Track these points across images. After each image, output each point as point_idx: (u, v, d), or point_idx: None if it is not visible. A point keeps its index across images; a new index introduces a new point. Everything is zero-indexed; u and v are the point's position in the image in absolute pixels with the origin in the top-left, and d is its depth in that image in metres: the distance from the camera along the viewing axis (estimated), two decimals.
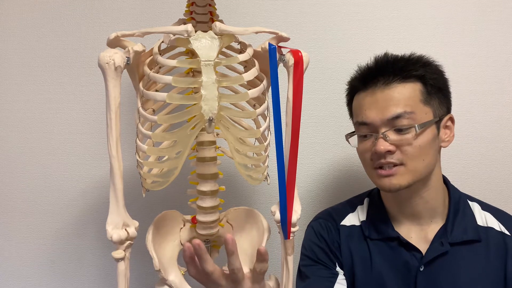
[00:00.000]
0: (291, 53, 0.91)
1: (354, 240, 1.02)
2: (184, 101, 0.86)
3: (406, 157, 0.91)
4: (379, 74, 0.94)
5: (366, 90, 0.95)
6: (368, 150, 0.95)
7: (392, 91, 0.91)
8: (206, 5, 0.91)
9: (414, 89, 0.92)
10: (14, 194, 1.32)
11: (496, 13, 1.25)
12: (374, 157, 0.93)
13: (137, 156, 0.93)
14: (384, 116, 0.91)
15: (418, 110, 0.91)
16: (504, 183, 1.29)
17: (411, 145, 0.90)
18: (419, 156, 0.91)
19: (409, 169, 0.91)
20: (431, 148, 0.92)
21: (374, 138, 0.93)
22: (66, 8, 1.26)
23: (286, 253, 0.96)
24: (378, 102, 0.92)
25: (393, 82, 0.92)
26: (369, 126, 0.93)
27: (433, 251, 0.94)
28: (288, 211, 0.93)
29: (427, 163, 0.93)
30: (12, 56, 1.28)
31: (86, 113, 1.29)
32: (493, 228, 0.96)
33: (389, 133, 0.91)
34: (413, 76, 0.92)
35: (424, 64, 0.95)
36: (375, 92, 0.93)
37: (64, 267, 1.33)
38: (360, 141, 0.97)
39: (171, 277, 0.95)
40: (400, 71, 0.92)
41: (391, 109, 0.90)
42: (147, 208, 1.24)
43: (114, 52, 0.84)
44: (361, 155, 0.98)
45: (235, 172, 1.21)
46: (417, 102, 0.91)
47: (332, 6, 1.26)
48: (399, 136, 0.90)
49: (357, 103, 0.97)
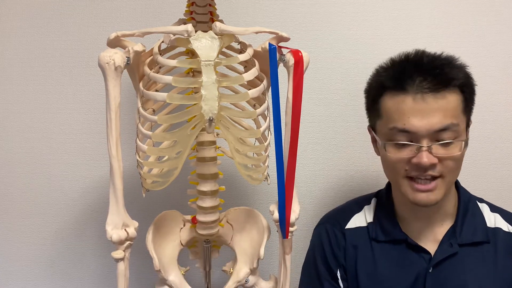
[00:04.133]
0: (291, 53, 0.91)
1: (359, 242, 1.00)
2: (184, 101, 0.86)
3: (447, 170, 0.86)
4: (421, 74, 0.86)
5: (409, 94, 0.85)
6: (403, 159, 0.87)
7: (441, 100, 0.84)
8: (206, 5, 0.91)
9: (458, 99, 0.86)
10: (14, 194, 1.31)
11: (496, 13, 1.25)
12: (412, 168, 0.86)
13: (137, 156, 0.93)
14: (431, 127, 0.83)
15: (460, 121, 0.87)
16: (504, 183, 1.29)
17: (456, 160, 0.86)
18: (457, 168, 0.88)
19: (446, 181, 0.87)
20: (463, 158, 0.89)
21: (415, 148, 0.85)
22: (66, 8, 1.26)
23: (284, 252, 0.97)
24: (426, 111, 0.84)
25: (442, 91, 0.84)
26: (410, 135, 0.85)
27: (442, 252, 0.92)
28: (286, 210, 0.93)
29: (459, 173, 0.90)
30: (12, 56, 1.28)
31: (86, 113, 1.29)
32: (501, 228, 0.94)
33: (434, 146, 0.84)
34: (458, 84, 0.87)
35: (465, 74, 0.90)
36: (424, 99, 0.84)
37: (64, 267, 1.33)
38: (394, 149, 0.88)
39: (171, 277, 0.95)
40: (448, 79, 0.85)
41: (439, 119, 0.83)
42: (147, 208, 1.24)
43: (114, 52, 0.84)
44: (393, 164, 0.89)
45: (235, 172, 1.21)
46: (460, 112, 0.87)
47: (332, 6, 1.26)
48: (444, 150, 0.85)
49: (395, 106, 0.87)
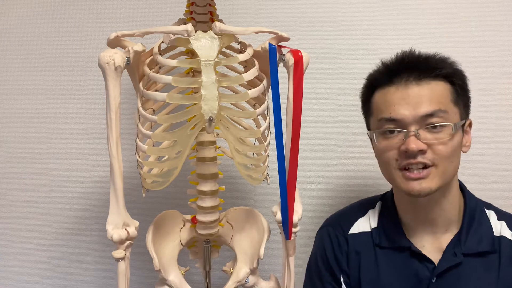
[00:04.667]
0: (291, 53, 0.91)
1: (362, 248, 0.98)
2: (184, 101, 0.86)
3: (438, 157, 0.85)
4: (407, 70, 0.88)
5: (394, 85, 0.89)
6: (393, 148, 0.88)
7: (425, 87, 0.86)
8: (206, 5, 0.91)
9: (445, 88, 0.88)
10: (14, 194, 1.31)
11: (496, 13, 1.25)
12: (402, 157, 0.87)
13: (137, 156, 0.93)
14: (416, 113, 0.85)
15: (449, 109, 0.87)
16: (504, 183, 1.29)
17: (446, 145, 0.85)
18: (450, 157, 0.86)
19: (439, 171, 0.86)
20: (458, 151, 0.88)
21: (403, 135, 0.86)
22: (66, 8, 1.26)
23: (288, 253, 0.96)
24: (410, 98, 0.86)
25: (425, 79, 0.87)
26: (398, 123, 0.87)
27: (446, 262, 0.90)
28: (289, 211, 0.93)
29: (455, 166, 0.89)
30: (12, 56, 1.28)
31: (86, 113, 1.29)
32: (506, 237, 0.91)
33: (421, 131, 0.85)
34: (443, 75, 0.88)
35: (451, 64, 0.91)
36: (408, 87, 0.87)
37: (64, 267, 1.33)
38: (383, 139, 0.90)
39: (171, 277, 0.95)
40: (433, 69, 0.88)
41: (424, 105, 0.85)
42: (147, 208, 1.23)
43: (114, 52, 0.84)
44: (383, 154, 0.90)
45: (235, 172, 1.21)
46: (448, 101, 0.87)
47: (332, 6, 1.26)
48: (432, 135, 0.85)
49: (382, 98, 0.90)
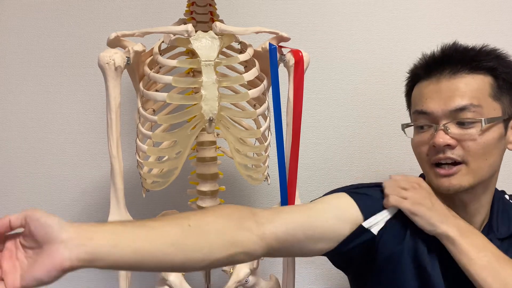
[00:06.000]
0: (292, 53, 0.91)
1: None
2: (184, 101, 0.86)
3: (468, 154, 0.82)
4: (446, 63, 0.85)
5: (429, 79, 0.86)
6: (424, 143, 0.86)
7: (458, 81, 0.83)
8: (206, 5, 0.91)
9: (483, 82, 0.84)
10: (14, 194, 1.31)
11: (496, 13, 1.25)
12: (432, 152, 0.85)
13: (137, 156, 0.93)
14: (446, 107, 0.82)
15: (486, 104, 0.83)
16: (504, 183, 1.29)
17: (475, 141, 0.82)
18: (482, 154, 0.83)
19: (471, 168, 0.83)
20: (495, 148, 0.84)
21: (433, 130, 0.84)
22: (66, 8, 1.26)
23: None
24: (442, 92, 0.83)
25: (460, 72, 0.84)
26: (429, 117, 0.85)
27: None
28: None
29: (491, 164, 0.84)
30: (12, 56, 1.28)
31: (86, 113, 1.29)
32: None
33: (450, 125, 0.82)
34: (484, 67, 0.84)
35: (498, 56, 0.87)
36: (440, 80, 0.85)
37: None
38: (416, 133, 0.88)
39: (171, 277, 0.95)
40: (470, 61, 0.84)
41: (455, 100, 0.82)
42: (147, 208, 1.23)
43: (114, 52, 0.84)
44: (416, 149, 0.89)
45: (235, 172, 1.20)
46: (486, 96, 0.83)
47: (332, 6, 1.26)
48: (461, 130, 0.82)
49: (418, 92, 0.89)
